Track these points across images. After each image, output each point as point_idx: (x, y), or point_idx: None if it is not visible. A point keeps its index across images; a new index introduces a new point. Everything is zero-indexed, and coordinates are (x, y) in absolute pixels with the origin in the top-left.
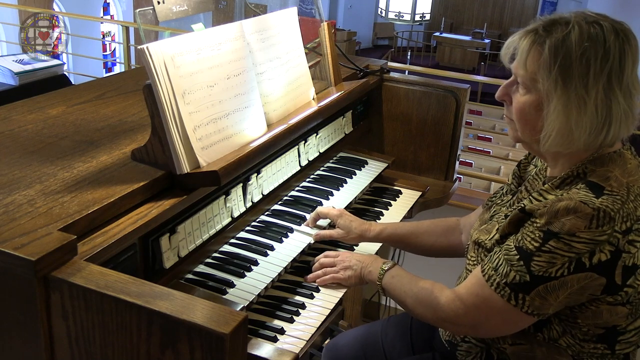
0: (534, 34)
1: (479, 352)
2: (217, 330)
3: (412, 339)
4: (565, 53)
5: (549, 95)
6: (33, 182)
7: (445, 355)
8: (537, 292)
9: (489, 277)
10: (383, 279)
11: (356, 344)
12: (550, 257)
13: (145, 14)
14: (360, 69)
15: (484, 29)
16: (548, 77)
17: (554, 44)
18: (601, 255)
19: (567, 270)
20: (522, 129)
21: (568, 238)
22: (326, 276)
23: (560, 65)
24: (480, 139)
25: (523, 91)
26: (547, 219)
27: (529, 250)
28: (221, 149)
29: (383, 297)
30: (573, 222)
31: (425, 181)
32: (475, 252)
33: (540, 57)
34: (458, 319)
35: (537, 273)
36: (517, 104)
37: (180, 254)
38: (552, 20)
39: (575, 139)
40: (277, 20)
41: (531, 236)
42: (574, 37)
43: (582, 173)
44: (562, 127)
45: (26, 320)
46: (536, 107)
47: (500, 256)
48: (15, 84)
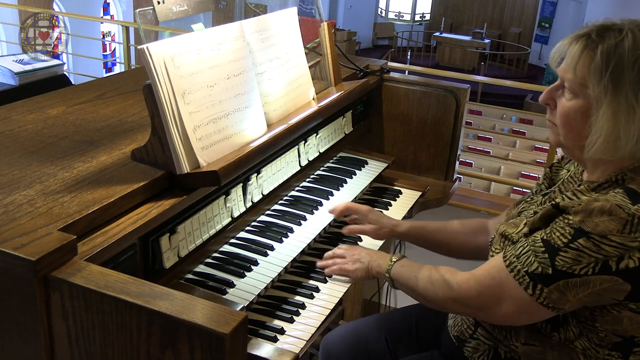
0: (586, 39)
1: (486, 350)
2: (217, 330)
3: (418, 334)
4: (617, 60)
5: (598, 102)
6: (33, 182)
7: (451, 351)
8: (557, 286)
9: (510, 263)
10: (392, 269)
11: (355, 337)
12: (577, 254)
13: (145, 14)
14: (360, 69)
15: (484, 29)
16: (599, 83)
17: (607, 50)
18: (629, 261)
19: (592, 270)
20: (565, 134)
21: (599, 239)
22: (334, 266)
23: (612, 71)
24: (480, 139)
25: (570, 96)
26: (580, 217)
27: (557, 245)
28: (221, 149)
29: (383, 297)
30: (606, 224)
31: (425, 181)
32: (500, 245)
33: (591, 63)
34: (469, 300)
35: (560, 268)
36: (562, 108)
37: (180, 254)
38: (605, 26)
39: (622, 147)
40: (277, 20)
41: (561, 231)
42: (627, 44)
43: (620, 180)
44: (610, 134)
45: (26, 320)
46: (583, 113)
47: (525, 245)
48: (15, 84)
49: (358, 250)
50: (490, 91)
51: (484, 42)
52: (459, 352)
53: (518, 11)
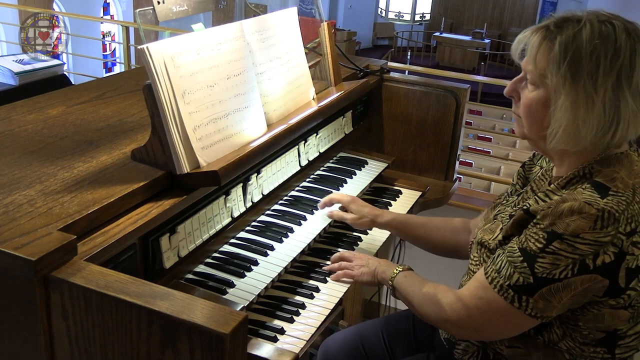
0: (545, 30)
1: (475, 352)
2: (217, 330)
3: (416, 336)
4: (575, 50)
5: (557, 92)
6: (33, 182)
7: (442, 354)
8: (541, 294)
9: (492, 279)
10: (395, 278)
11: (354, 340)
12: (554, 258)
13: (145, 14)
14: (360, 69)
15: (484, 29)
16: (557, 73)
17: (565, 40)
18: (605, 257)
19: (571, 272)
20: (529, 125)
21: (572, 239)
22: (340, 271)
23: (570, 61)
24: (480, 139)
25: (531, 87)
26: (551, 220)
27: (533, 252)
28: (221, 149)
29: (383, 297)
30: (577, 223)
31: (425, 181)
32: (477, 253)
33: (550, 53)
34: (461, 321)
35: (540, 275)
36: (525, 100)
37: (180, 254)
38: (564, 17)
39: (582, 137)
40: (277, 20)
41: (535, 237)
42: (585, 34)
43: (588, 173)
44: (569, 124)
45: (26, 320)
46: (544, 104)
47: (503, 258)
48: (15, 84)
49: (366, 256)
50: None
51: (484, 42)
52: (449, 354)
53: (518, 11)
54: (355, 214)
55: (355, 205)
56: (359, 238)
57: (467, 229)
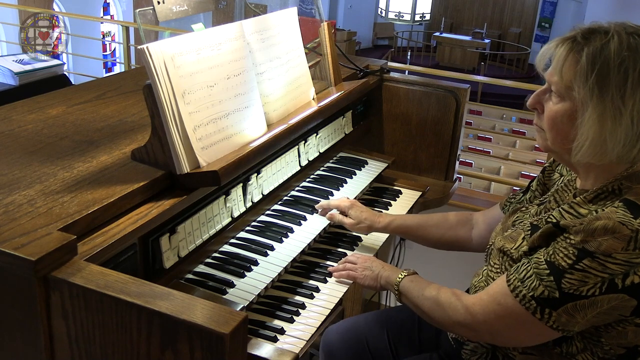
0: (572, 41)
1: (484, 353)
2: (217, 330)
3: (420, 334)
4: (603, 62)
5: (584, 104)
6: (33, 182)
7: (448, 352)
8: (565, 309)
9: (515, 287)
10: (401, 282)
11: (357, 334)
12: (583, 275)
13: (145, 14)
14: (360, 69)
15: (484, 29)
16: (584, 85)
17: (592, 52)
18: (634, 277)
19: (599, 290)
20: (553, 138)
21: (603, 258)
22: (343, 271)
23: (598, 73)
24: (480, 139)
25: (556, 99)
26: (583, 237)
27: (561, 267)
28: (221, 149)
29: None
30: (610, 242)
31: (425, 181)
32: (499, 260)
33: (577, 65)
34: (477, 325)
35: (567, 290)
36: (549, 112)
37: (180, 254)
38: (591, 29)
39: (609, 151)
40: (277, 20)
41: (564, 252)
42: (613, 46)
43: (617, 189)
44: (596, 137)
45: (26, 320)
46: (569, 116)
47: (528, 268)
48: (15, 84)
49: (371, 259)
50: (490, 91)
51: (484, 42)
52: (457, 354)
53: (518, 11)
54: (354, 219)
55: (354, 211)
56: (359, 238)
57: (464, 222)
